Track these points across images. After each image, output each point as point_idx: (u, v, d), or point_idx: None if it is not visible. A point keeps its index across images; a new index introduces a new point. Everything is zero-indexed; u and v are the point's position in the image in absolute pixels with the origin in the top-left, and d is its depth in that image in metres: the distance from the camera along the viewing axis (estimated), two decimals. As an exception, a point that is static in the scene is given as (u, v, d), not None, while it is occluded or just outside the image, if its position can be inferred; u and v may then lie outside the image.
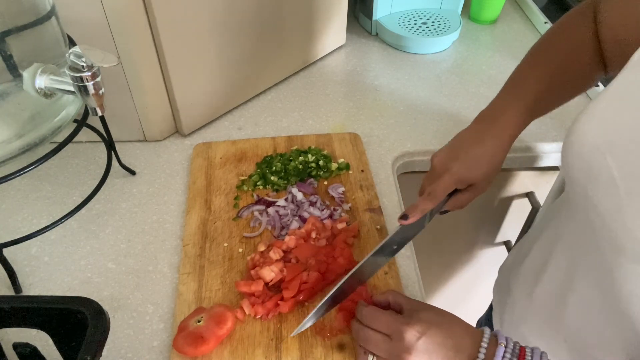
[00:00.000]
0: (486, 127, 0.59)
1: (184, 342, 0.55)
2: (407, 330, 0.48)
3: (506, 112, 0.58)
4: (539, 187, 0.99)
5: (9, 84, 0.57)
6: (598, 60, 0.57)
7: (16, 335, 0.49)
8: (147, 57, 0.74)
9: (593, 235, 0.47)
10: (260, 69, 0.91)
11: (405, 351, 0.47)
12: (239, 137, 0.86)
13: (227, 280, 0.63)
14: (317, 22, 0.96)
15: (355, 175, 0.77)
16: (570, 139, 0.46)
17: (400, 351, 0.48)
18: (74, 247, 0.69)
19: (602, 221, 0.43)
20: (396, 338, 0.49)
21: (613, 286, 0.45)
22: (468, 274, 1.20)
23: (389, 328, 0.50)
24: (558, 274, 0.55)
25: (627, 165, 0.41)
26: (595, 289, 0.49)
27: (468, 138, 0.59)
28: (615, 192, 0.41)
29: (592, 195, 0.44)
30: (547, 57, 0.60)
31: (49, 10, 0.59)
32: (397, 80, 0.99)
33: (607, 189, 0.42)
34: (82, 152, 0.83)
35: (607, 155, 0.42)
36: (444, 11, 1.13)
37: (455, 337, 0.48)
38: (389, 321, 0.51)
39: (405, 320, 0.50)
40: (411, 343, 0.47)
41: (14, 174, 0.56)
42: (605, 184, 0.42)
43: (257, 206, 0.72)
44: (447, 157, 0.59)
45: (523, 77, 0.60)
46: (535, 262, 0.61)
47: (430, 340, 0.47)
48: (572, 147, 0.46)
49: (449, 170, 0.57)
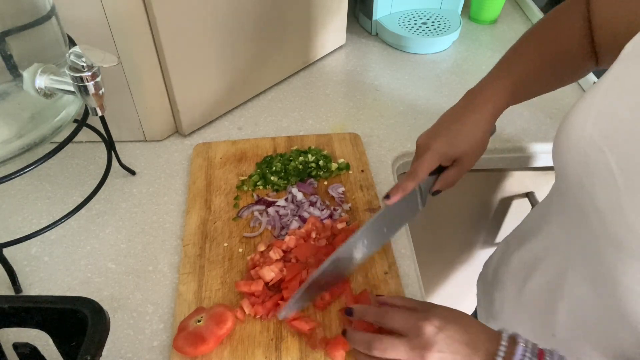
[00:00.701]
0: (467, 102, 0.59)
1: (184, 342, 0.55)
2: (426, 325, 0.47)
3: (488, 88, 0.58)
4: (539, 187, 0.99)
5: (9, 84, 0.57)
6: (589, 50, 0.57)
7: (16, 335, 0.49)
8: (147, 57, 0.74)
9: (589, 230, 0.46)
10: (260, 69, 0.91)
11: (426, 347, 0.46)
12: (239, 137, 0.86)
13: (227, 280, 0.63)
14: (317, 22, 0.96)
15: (355, 175, 0.77)
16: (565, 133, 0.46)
17: (421, 347, 0.46)
18: (74, 247, 0.69)
19: (600, 216, 0.42)
20: (414, 334, 0.47)
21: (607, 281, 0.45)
22: (468, 273, 1.20)
23: (407, 324, 0.48)
24: (551, 269, 0.55)
25: (626, 159, 0.40)
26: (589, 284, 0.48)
27: (449, 115, 0.60)
28: (614, 187, 0.40)
29: (589, 190, 0.43)
30: (536, 43, 0.60)
31: (49, 10, 0.59)
32: (397, 80, 0.99)
33: (606, 183, 0.41)
34: (82, 152, 0.83)
35: (605, 149, 0.41)
36: (444, 11, 1.13)
37: (471, 334, 0.47)
38: (407, 316, 0.49)
39: (423, 315, 0.48)
40: (431, 337, 0.46)
41: (14, 174, 0.56)
42: (604, 178, 0.41)
43: (257, 206, 0.72)
44: (428, 136, 0.59)
45: (510, 58, 0.61)
46: (525, 258, 0.61)
47: (449, 335, 0.46)
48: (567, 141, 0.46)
49: (430, 147, 0.57)
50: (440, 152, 0.57)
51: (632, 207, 0.39)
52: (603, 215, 0.42)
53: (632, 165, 0.40)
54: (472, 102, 0.59)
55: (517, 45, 0.61)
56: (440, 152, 0.57)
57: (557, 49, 0.58)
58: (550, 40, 0.59)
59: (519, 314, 0.61)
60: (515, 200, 1.02)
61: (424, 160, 0.57)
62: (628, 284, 0.42)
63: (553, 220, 0.56)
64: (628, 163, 0.40)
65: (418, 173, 0.57)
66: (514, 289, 0.62)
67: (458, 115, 0.59)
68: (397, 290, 0.62)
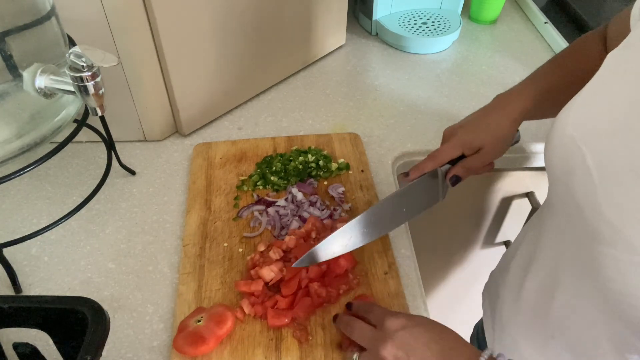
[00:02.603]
0: (495, 103, 0.63)
1: (183, 342, 0.55)
2: (393, 320, 0.49)
3: (517, 92, 0.62)
4: (539, 187, 0.99)
5: (9, 84, 0.57)
6: None
7: (16, 335, 0.49)
8: (147, 57, 0.74)
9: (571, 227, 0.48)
10: (260, 69, 0.91)
11: (383, 339, 0.48)
12: (239, 137, 0.86)
13: (227, 280, 0.63)
14: (317, 22, 0.96)
15: (355, 175, 0.77)
16: (551, 134, 0.49)
17: (379, 337, 0.48)
18: (74, 247, 0.69)
19: (579, 212, 0.45)
20: (380, 327, 0.50)
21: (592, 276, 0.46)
22: (468, 273, 1.20)
23: (377, 317, 0.51)
24: (543, 269, 0.56)
25: (600, 153, 0.43)
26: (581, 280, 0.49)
27: (477, 112, 0.64)
28: (590, 181, 0.43)
29: (570, 187, 0.46)
30: (560, 62, 0.64)
31: (49, 10, 0.59)
32: (397, 80, 0.99)
33: (583, 179, 0.44)
34: (82, 152, 0.83)
35: (582, 147, 0.44)
36: (444, 11, 1.13)
37: (444, 344, 0.47)
38: (381, 312, 0.52)
39: (396, 314, 0.51)
40: (391, 331, 0.48)
41: (14, 174, 0.56)
42: (582, 174, 0.44)
43: (257, 206, 0.72)
44: (454, 127, 0.63)
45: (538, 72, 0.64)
46: (520, 263, 0.62)
47: (412, 336, 0.47)
48: (552, 142, 0.49)
49: (454, 135, 0.62)
50: (463, 139, 0.61)
51: (606, 199, 0.42)
52: (582, 210, 0.44)
53: (606, 161, 0.42)
54: (499, 102, 0.63)
55: (544, 64, 0.65)
56: (464, 139, 0.61)
57: (579, 67, 0.61)
58: (573, 61, 0.63)
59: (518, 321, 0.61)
60: (515, 200, 1.02)
61: (446, 146, 0.61)
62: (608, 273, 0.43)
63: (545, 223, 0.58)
64: (602, 159, 0.43)
65: (438, 156, 0.61)
66: (512, 295, 0.63)
67: (485, 112, 0.63)
68: (397, 290, 0.62)
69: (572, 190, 0.46)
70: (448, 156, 0.61)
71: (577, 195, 0.45)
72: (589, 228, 0.44)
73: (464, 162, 0.62)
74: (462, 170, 0.62)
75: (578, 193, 0.45)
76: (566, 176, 0.46)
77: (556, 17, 1.13)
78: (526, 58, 1.05)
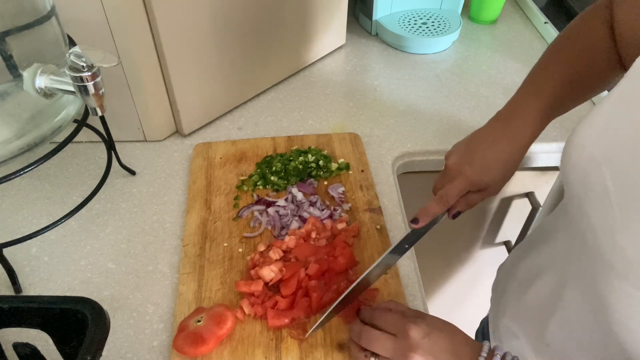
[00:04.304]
0: (502, 126, 0.58)
1: (183, 342, 0.55)
2: (414, 328, 0.49)
3: (522, 112, 0.57)
4: (539, 187, 0.99)
5: (9, 84, 0.57)
6: (615, 60, 0.56)
7: (16, 335, 0.49)
8: (147, 57, 0.74)
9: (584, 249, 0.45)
10: (260, 69, 0.91)
11: (411, 349, 0.48)
12: (239, 137, 0.86)
13: (227, 280, 0.63)
14: (317, 22, 0.96)
15: (355, 175, 0.77)
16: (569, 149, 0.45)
17: (406, 349, 0.48)
18: (74, 247, 0.69)
19: (593, 234, 0.42)
20: (402, 336, 0.49)
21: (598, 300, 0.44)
22: (468, 273, 1.20)
23: (396, 326, 0.50)
24: (550, 282, 0.55)
25: (622, 178, 0.39)
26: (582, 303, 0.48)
27: (483, 139, 0.58)
28: (608, 205, 0.40)
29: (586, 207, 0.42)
30: (561, 57, 0.59)
31: (49, 10, 0.59)
32: (397, 80, 0.99)
33: (601, 201, 0.40)
34: (82, 152, 0.83)
35: (603, 166, 0.41)
36: (444, 11, 1.13)
37: (455, 344, 0.49)
38: (396, 319, 0.51)
39: (412, 319, 0.50)
40: (417, 341, 0.48)
41: (14, 174, 0.56)
42: (600, 196, 0.40)
43: (257, 206, 0.72)
44: (461, 159, 0.58)
45: (538, 76, 0.59)
46: (530, 267, 0.61)
47: (434, 342, 0.48)
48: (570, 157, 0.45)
49: (462, 173, 0.57)
50: (472, 180, 0.57)
51: (623, 228, 0.39)
52: (596, 234, 0.41)
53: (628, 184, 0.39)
54: (508, 126, 0.57)
55: (543, 62, 0.60)
56: (472, 180, 0.57)
57: (584, 62, 0.57)
58: (576, 56, 0.57)
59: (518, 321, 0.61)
60: (515, 200, 1.02)
61: (454, 187, 0.57)
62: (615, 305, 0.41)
63: (559, 234, 0.56)
64: (624, 182, 0.39)
65: (448, 199, 0.57)
66: (516, 296, 0.62)
67: (492, 141, 0.57)
68: (397, 290, 0.62)
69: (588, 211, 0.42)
70: (457, 198, 0.57)
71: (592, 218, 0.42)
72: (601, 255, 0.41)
73: (468, 199, 0.59)
74: (466, 207, 0.60)
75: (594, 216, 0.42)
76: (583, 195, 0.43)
77: (556, 17, 1.13)
78: (526, 58, 1.05)
